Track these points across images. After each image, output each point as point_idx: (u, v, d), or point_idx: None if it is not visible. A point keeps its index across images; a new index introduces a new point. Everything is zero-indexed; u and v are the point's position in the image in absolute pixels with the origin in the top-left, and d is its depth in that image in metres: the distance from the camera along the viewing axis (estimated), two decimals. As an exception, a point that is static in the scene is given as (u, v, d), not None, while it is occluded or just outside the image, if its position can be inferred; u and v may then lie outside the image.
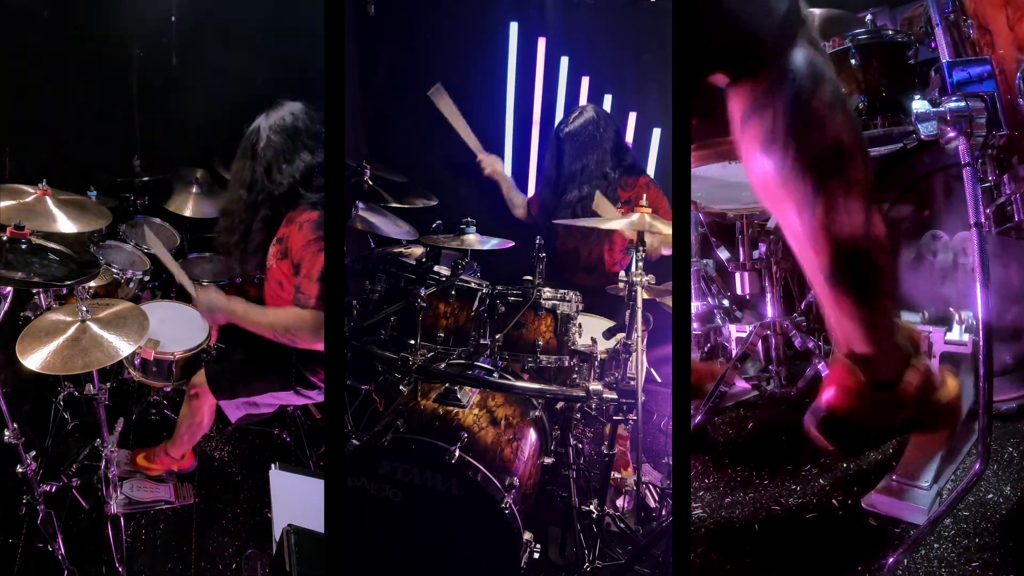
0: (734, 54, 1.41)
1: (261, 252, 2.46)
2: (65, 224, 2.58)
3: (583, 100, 3.93)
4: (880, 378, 1.57)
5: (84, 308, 2.10)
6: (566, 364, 2.36)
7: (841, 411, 1.56)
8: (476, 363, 2.26)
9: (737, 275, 2.88)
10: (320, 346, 2.31)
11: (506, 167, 4.04)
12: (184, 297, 3.15)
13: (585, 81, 3.88)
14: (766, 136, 1.42)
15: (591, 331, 2.52)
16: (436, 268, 2.45)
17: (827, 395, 1.58)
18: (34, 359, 1.97)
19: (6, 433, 2.12)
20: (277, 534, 2.11)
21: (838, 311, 1.52)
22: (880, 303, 1.53)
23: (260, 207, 2.41)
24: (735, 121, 1.48)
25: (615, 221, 2.66)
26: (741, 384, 2.84)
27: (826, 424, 1.58)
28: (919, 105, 1.81)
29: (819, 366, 2.58)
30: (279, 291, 2.44)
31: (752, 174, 1.49)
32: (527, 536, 1.99)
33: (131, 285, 3.05)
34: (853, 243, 1.46)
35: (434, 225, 2.64)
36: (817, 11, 2.80)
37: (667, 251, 3.04)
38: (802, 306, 2.80)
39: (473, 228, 2.55)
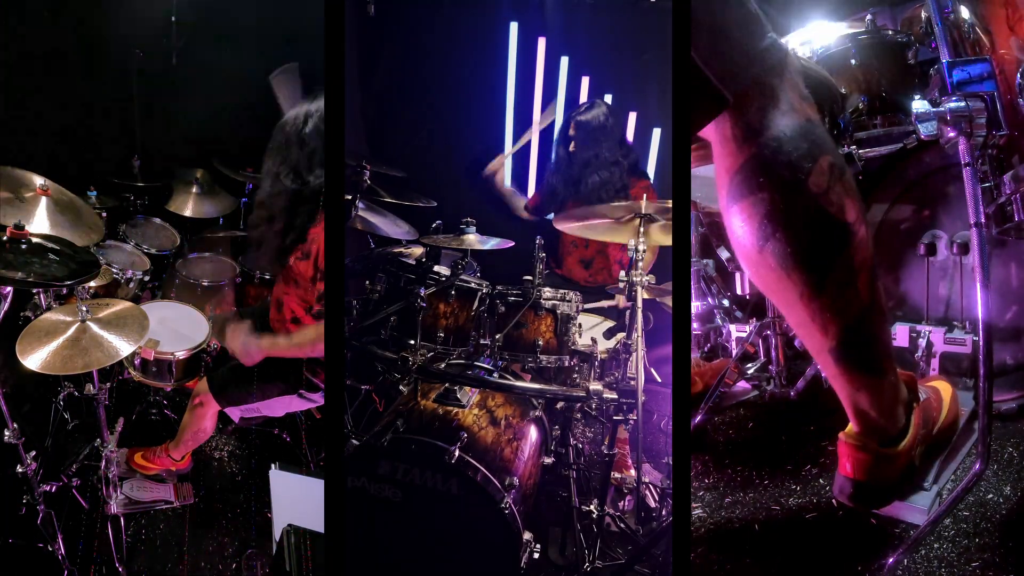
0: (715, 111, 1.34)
1: (295, 247, 2.35)
2: (55, 231, 2.56)
3: (583, 100, 3.93)
4: (889, 434, 1.58)
5: (84, 308, 2.10)
6: (566, 364, 2.36)
7: (864, 479, 1.58)
8: (476, 363, 2.26)
9: (737, 275, 2.88)
10: None
11: (506, 167, 4.05)
12: (186, 298, 3.16)
13: (585, 81, 3.88)
14: (761, 224, 1.33)
15: (591, 331, 2.52)
16: (436, 268, 2.45)
17: (846, 470, 1.60)
18: (34, 359, 1.97)
19: (6, 433, 2.12)
20: (277, 534, 2.11)
21: (851, 388, 1.50)
22: (887, 366, 1.53)
23: (304, 199, 2.28)
24: (721, 195, 1.39)
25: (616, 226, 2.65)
26: (741, 384, 2.84)
27: (856, 496, 1.60)
28: (919, 105, 1.81)
29: (819, 366, 2.58)
30: (292, 289, 2.40)
31: (745, 259, 1.41)
32: (527, 536, 1.99)
33: (131, 285, 3.05)
34: (861, 318, 1.42)
35: (434, 225, 2.64)
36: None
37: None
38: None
39: (473, 228, 2.55)
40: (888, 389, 1.55)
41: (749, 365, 2.83)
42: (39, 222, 2.55)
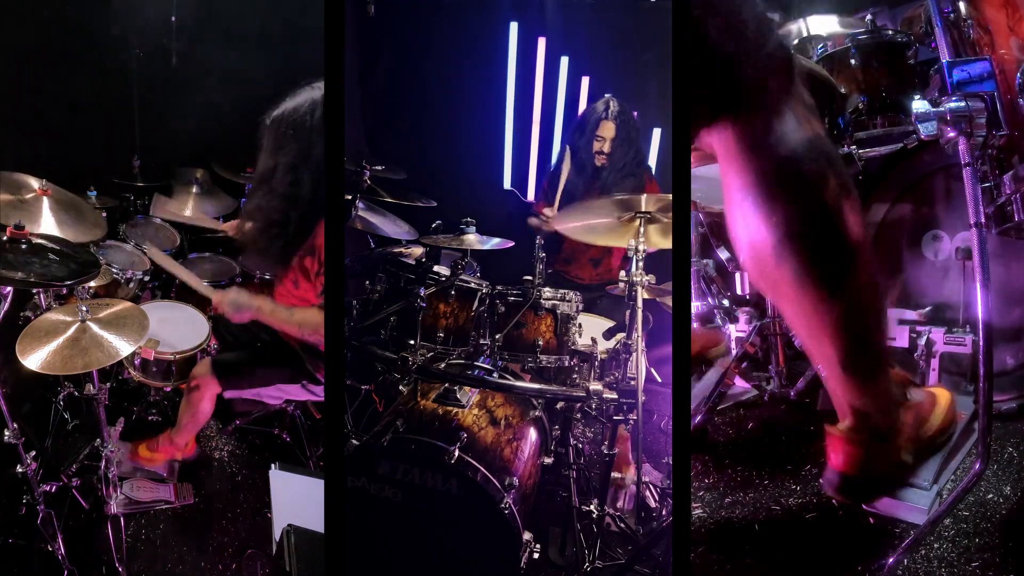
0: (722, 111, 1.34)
1: (300, 245, 2.32)
2: (56, 229, 2.57)
3: (583, 100, 3.93)
4: (879, 430, 1.59)
5: (84, 308, 2.10)
6: (566, 364, 2.36)
7: (852, 472, 1.59)
8: (476, 363, 2.26)
9: (737, 275, 2.88)
10: None
11: (506, 167, 4.06)
12: (186, 298, 3.16)
13: (585, 81, 3.89)
14: (778, 244, 1.35)
15: (591, 331, 2.52)
16: (436, 268, 2.45)
17: (834, 462, 1.61)
18: (34, 359, 1.97)
19: (6, 433, 2.12)
20: (277, 534, 2.11)
21: (850, 392, 1.52)
22: (883, 370, 1.55)
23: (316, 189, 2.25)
24: (729, 211, 1.40)
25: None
26: (741, 384, 2.84)
27: (843, 488, 1.61)
28: (919, 105, 1.81)
29: (823, 375, 2.57)
30: (292, 289, 2.40)
31: (758, 272, 1.42)
32: (527, 536, 1.99)
33: (131, 285, 3.05)
34: (867, 332, 1.46)
35: (434, 225, 2.64)
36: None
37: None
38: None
39: (473, 228, 2.55)
40: (881, 388, 1.57)
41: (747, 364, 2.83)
42: (45, 222, 2.56)
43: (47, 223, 2.59)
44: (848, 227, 1.38)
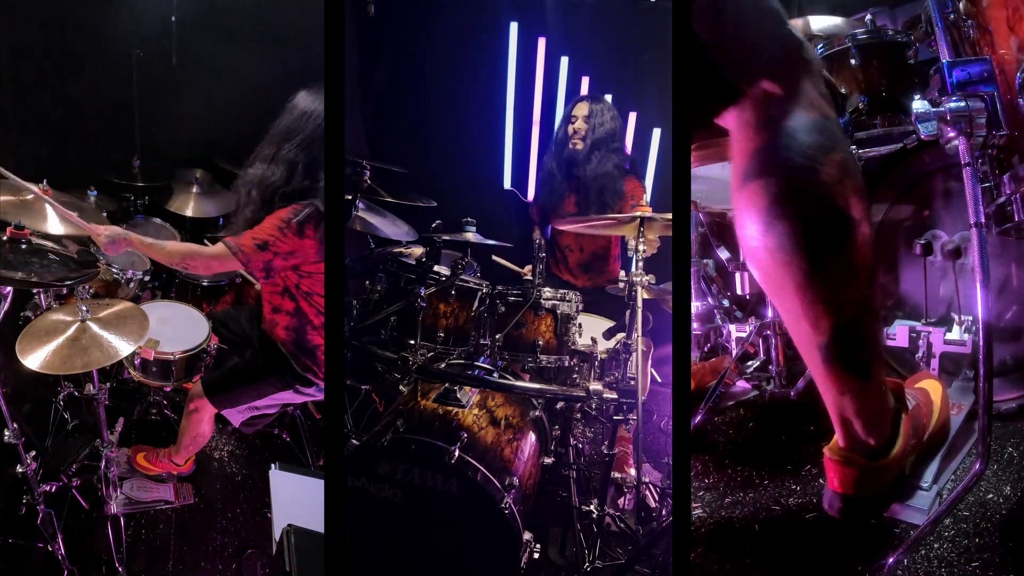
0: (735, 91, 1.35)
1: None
2: (55, 227, 2.57)
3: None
4: (877, 445, 1.58)
5: (84, 308, 2.10)
6: (566, 364, 2.36)
7: (852, 493, 1.59)
8: (476, 363, 2.26)
9: (737, 275, 2.88)
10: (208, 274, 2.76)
11: (506, 167, 4.06)
12: (184, 297, 3.16)
13: (585, 81, 3.89)
14: (768, 207, 1.35)
15: (591, 331, 2.52)
16: (436, 268, 2.45)
17: (834, 484, 1.60)
18: (34, 359, 1.97)
19: (6, 433, 2.12)
20: (277, 534, 2.11)
21: (836, 391, 1.50)
22: (875, 372, 1.53)
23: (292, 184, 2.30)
24: (735, 174, 1.41)
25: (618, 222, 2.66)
26: (741, 384, 2.84)
27: (846, 510, 1.61)
28: (919, 105, 1.80)
29: (806, 363, 2.57)
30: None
31: (745, 239, 1.42)
32: (527, 536, 1.99)
33: (131, 285, 3.05)
34: (854, 318, 1.42)
35: (434, 225, 2.64)
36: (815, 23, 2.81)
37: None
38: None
39: (473, 228, 2.55)
40: (874, 395, 1.54)
41: (749, 363, 2.83)
42: (51, 221, 2.55)
43: (51, 221, 2.58)
44: (845, 204, 1.37)
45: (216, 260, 2.24)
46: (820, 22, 2.84)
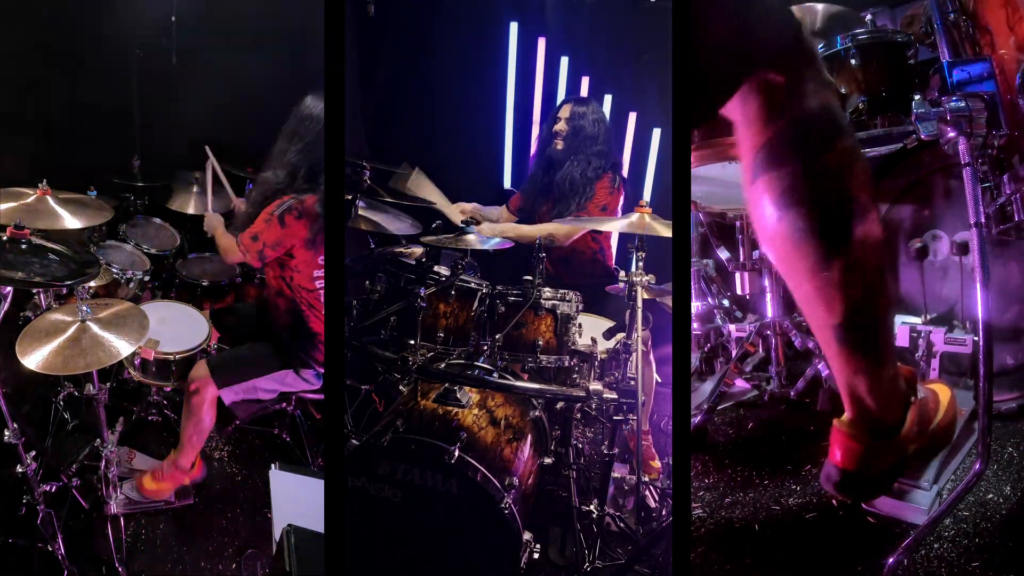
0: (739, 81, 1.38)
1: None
2: (69, 221, 2.60)
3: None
4: (884, 426, 1.59)
5: (84, 308, 2.10)
6: (566, 364, 2.36)
7: (852, 469, 1.59)
8: (476, 363, 2.26)
9: (737, 275, 2.88)
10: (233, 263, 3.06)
11: (506, 167, 4.05)
12: (186, 298, 3.16)
13: (585, 81, 3.89)
14: (780, 197, 1.40)
15: (591, 331, 2.52)
16: (436, 268, 2.45)
17: (835, 457, 1.61)
18: (34, 359, 1.97)
19: (6, 433, 2.12)
20: (277, 534, 2.11)
21: (849, 370, 1.52)
22: (887, 355, 1.55)
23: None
24: (745, 170, 1.46)
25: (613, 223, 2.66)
26: (741, 384, 2.84)
27: (842, 485, 1.62)
28: (919, 105, 1.81)
29: (819, 366, 2.58)
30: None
31: (761, 229, 1.47)
32: (527, 536, 1.99)
33: (131, 285, 3.05)
34: (866, 299, 1.46)
35: (434, 225, 2.64)
36: (820, 7, 2.81)
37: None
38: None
39: (473, 228, 2.55)
40: (886, 378, 1.56)
41: (748, 360, 2.83)
42: (58, 219, 2.56)
43: (58, 220, 2.59)
44: (854, 189, 1.41)
45: (229, 253, 2.64)
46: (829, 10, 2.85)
